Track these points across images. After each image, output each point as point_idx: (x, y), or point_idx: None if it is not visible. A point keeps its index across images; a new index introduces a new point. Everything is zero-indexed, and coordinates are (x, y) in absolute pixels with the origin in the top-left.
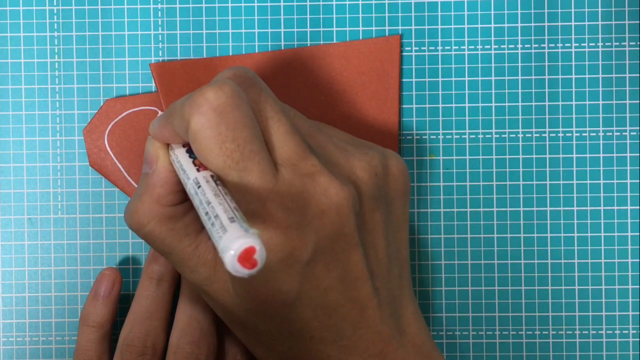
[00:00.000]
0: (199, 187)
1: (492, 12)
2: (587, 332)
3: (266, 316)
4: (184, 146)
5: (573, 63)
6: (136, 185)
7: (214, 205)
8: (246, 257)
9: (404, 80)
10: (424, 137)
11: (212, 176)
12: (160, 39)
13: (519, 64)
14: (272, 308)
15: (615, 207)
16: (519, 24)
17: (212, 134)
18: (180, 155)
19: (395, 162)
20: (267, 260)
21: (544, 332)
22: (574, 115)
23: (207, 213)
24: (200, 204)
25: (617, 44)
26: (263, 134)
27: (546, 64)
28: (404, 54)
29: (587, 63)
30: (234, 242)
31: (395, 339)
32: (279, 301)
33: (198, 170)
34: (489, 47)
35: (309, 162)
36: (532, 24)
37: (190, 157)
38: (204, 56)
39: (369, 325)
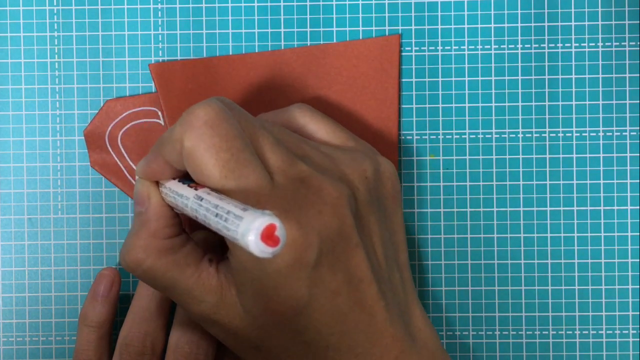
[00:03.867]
0: (202, 199)
1: (492, 12)
2: (587, 332)
3: (279, 329)
4: (173, 179)
5: (573, 63)
6: None
7: (223, 205)
8: (268, 234)
9: (403, 80)
10: (424, 137)
11: (208, 192)
12: (160, 39)
13: (519, 64)
14: (284, 318)
15: (615, 207)
16: (519, 24)
17: (206, 145)
18: (173, 185)
19: (385, 166)
20: (277, 266)
21: (544, 332)
22: (574, 115)
23: (217, 215)
24: (207, 211)
25: (617, 44)
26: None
27: (546, 64)
28: (403, 54)
29: (587, 63)
30: (254, 222)
31: (408, 343)
32: (291, 309)
33: (195, 189)
34: (489, 47)
35: (297, 168)
36: (532, 24)
37: (183, 183)
38: (204, 56)
39: (380, 329)
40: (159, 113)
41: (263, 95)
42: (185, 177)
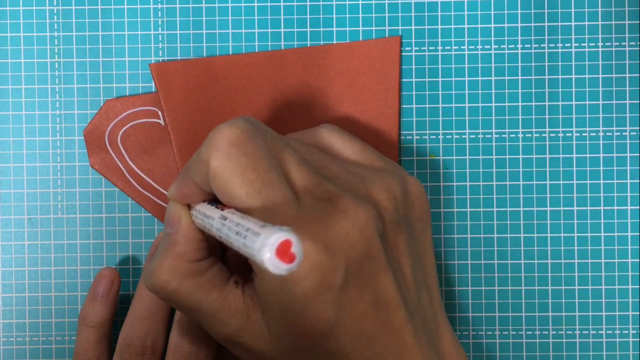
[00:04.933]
0: (226, 219)
1: (492, 12)
2: (587, 332)
3: (306, 353)
4: (204, 202)
5: (573, 63)
6: (137, 186)
7: (244, 223)
8: (283, 250)
9: (404, 80)
10: (424, 137)
11: (233, 212)
12: (160, 39)
13: (519, 64)
14: (311, 341)
15: (615, 207)
16: (519, 24)
17: (232, 165)
18: (202, 208)
19: (414, 185)
20: (303, 289)
21: (544, 332)
22: (574, 115)
23: (237, 232)
24: (229, 230)
25: (617, 44)
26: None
27: (546, 64)
28: (403, 54)
29: (587, 63)
30: (269, 238)
31: None
32: (318, 332)
33: (222, 210)
34: (489, 47)
35: (324, 188)
36: (532, 24)
37: (212, 205)
38: (204, 56)
39: (408, 353)
40: (159, 113)
41: (263, 96)
42: (216, 200)
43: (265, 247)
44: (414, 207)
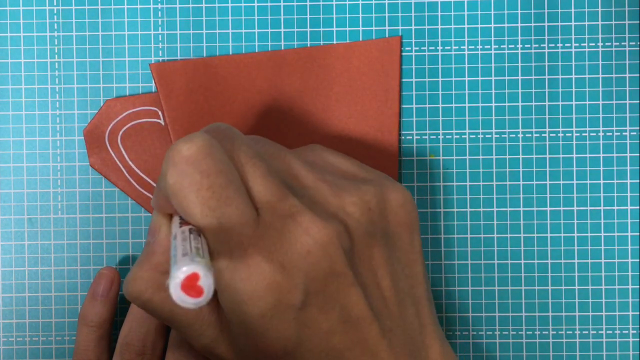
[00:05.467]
0: (175, 238)
1: (492, 12)
2: (587, 332)
3: None
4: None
5: (573, 63)
6: (137, 186)
7: (178, 247)
8: (190, 284)
9: (404, 80)
10: (424, 137)
11: (190, 229)
12: (160, 39)
13: (519, 64)
14: (276, 357)
15: (615, 207)
16: (519, 24)
17: (186, 183)
18: (174, 221)
19: (395, 194)
20: (260, 309)
21: (544, 332)
22: (574, 115)
23: (174, 255)
24: (173, 250)
25: (617, 44)
26: (241, 180)
27: (546, 64)
28: (403, 54)
29: (587, 63)
30: (178, 271)
31: None
32: (281, 350)
33: (180, 226)
34: (489, 47)
35: (288, 203)
36: (532, 24)
37: (179, 220)
38: (204, 56)
39: None
40: (159, 113)
41: (263, 96)
42: None
43: (172, 279)
44: (397, 215)
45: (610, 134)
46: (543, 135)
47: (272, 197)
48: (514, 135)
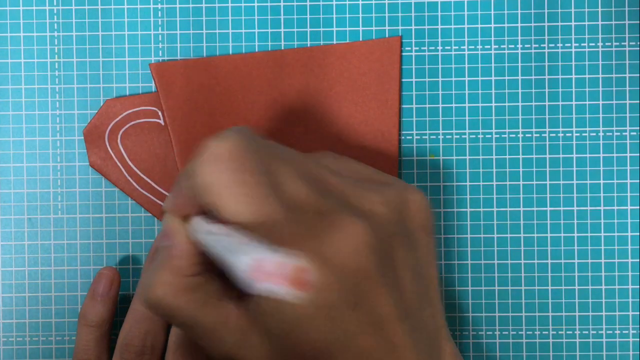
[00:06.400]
0: (213, 235)
1: (492, 12)
2: (587, 332)
3: None
4: (198, 215)
5: (573, 63)
6: (136, 186)
7: (232, 242)
8: (297, 277)
9: (404, 80)
10: (424, 137)
11: (224, 226)
12: (160, 39)
13: (519, 64)
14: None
15: (615, 207)
16: (519, 24)
17: (221, 181)
18: (197, 221)
19: (414, 197)
20: (294, 309)
21: (544, 332)
22: (574, 115)
23: (230, 251)
24: (217, 247)
25: (617, 44)
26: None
27: (546, 64)
28: (404, 54)
29: (587, 63)
30: (286, 266)
31: None
32: (314, 350)
33: (214, 224)
34: (489, 47)
35: (319, 203)
36: (532, 24)
37: (206, 219)
38: (204, 56)
39: None
40: (159, 113)
41: (263, 96)
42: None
43: (279, 273)
44: (415, 218)
45: (610, 134)
46: (543, 135)
47: (302, 198)
48: (514, 135)
